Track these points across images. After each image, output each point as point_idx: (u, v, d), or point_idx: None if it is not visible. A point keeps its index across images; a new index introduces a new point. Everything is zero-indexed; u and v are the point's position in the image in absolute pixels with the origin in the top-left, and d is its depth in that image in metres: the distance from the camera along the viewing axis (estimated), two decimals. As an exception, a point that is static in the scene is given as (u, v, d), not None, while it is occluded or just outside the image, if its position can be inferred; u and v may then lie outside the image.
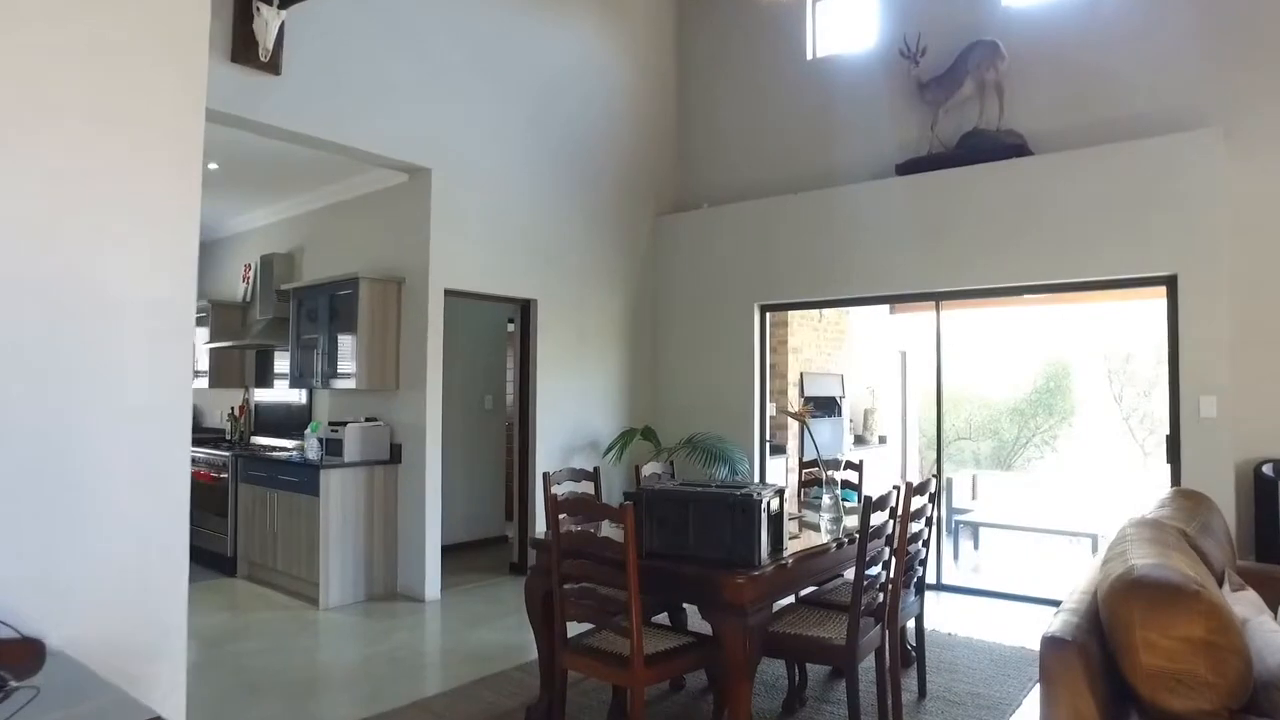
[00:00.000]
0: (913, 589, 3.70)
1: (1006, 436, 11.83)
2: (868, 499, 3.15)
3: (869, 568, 3.09)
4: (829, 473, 3.96)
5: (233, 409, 7.60)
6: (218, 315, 7.39)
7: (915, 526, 3.50)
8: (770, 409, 6.96)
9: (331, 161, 5.89)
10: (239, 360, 7.54)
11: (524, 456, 6.43)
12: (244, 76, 4.60)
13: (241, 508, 6.22)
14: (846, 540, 3.39)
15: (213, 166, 6.05)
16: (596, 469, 4.28)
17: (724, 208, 6.93)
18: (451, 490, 7.29)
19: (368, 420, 5.85)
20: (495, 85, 6.05)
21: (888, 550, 3.26)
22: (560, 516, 3.09)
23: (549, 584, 3.14)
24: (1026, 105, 5.80)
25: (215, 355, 7.39)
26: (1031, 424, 11.71)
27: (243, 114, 4.65)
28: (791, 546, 3.22)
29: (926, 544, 3.73)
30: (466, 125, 5.85)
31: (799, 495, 4.97)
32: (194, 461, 6.80)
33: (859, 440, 9.45)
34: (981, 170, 5.69)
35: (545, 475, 3.86)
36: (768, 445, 6.84)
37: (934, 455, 6.20)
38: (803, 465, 5.15)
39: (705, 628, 3.03)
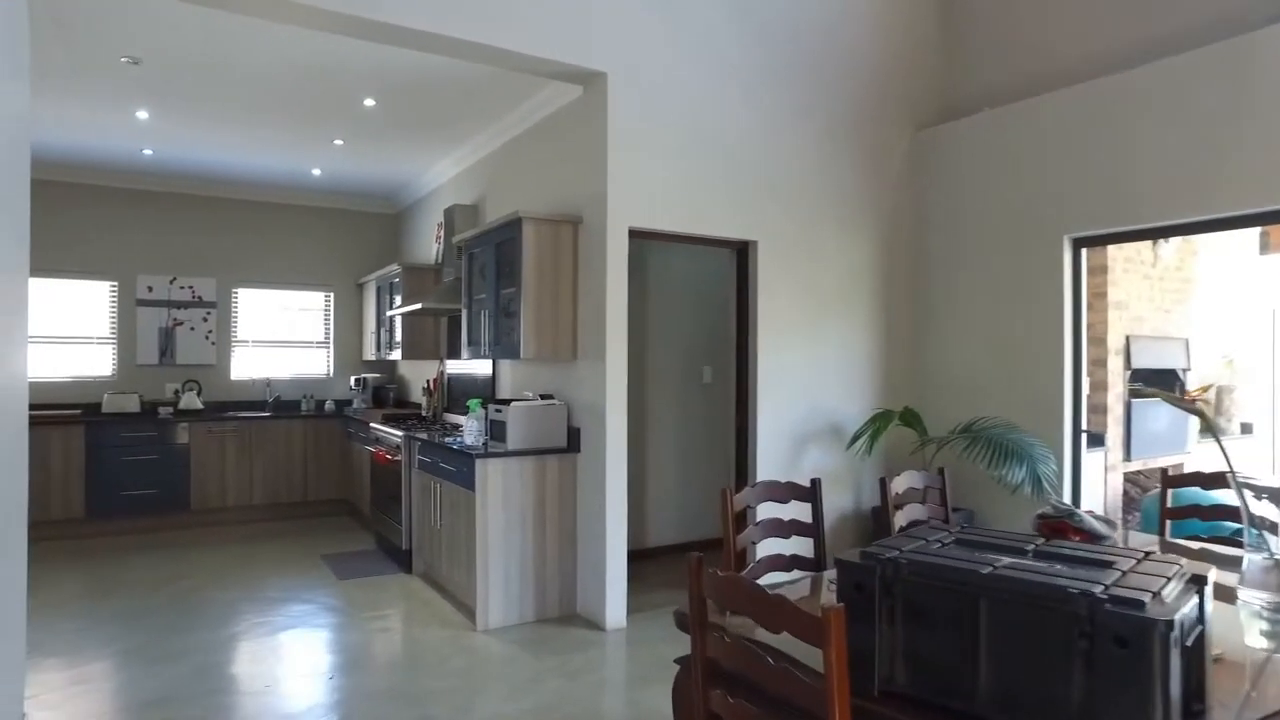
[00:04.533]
0: None
1: None
2: None
3: None
4: (1257, 503, 2.10)
5: (428, 382, 6.92)
6: (409, 280, 6.70)
7: None
8: (1084, 385, 4.92)
9: (494, 83, 4.81)
10: (432, 328, 6.82)
11: (741, 445, 5.00)
12: (352, -46, 3.57)
13: (415, 496, 5.40)
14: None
15: (369, 103, 5.21)
16: (815, 484, 2.73)
17: (1014, 107, 4.95)
18: (661, 482, 6.07)
19: (542, 398, 4.73)
20: (693, -40, 4.61)
21: None
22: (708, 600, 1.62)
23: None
24: None
25: (407, 323, 6.71)
26: None
27: (361, 13, 3.62)
28: (1222, 698, 1.48)
29: None
30: (650, 14, 4.48)
31: (1123, 510, 3.09)
32: (374, 440, 6.14)
33: (1205, 429, 6.91)
34: None
35: (724, 494, 2.40)
36: (1083, 436, 4.82)
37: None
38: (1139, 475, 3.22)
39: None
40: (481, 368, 5.94)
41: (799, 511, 2.85)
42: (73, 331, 7.18)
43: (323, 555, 5.97)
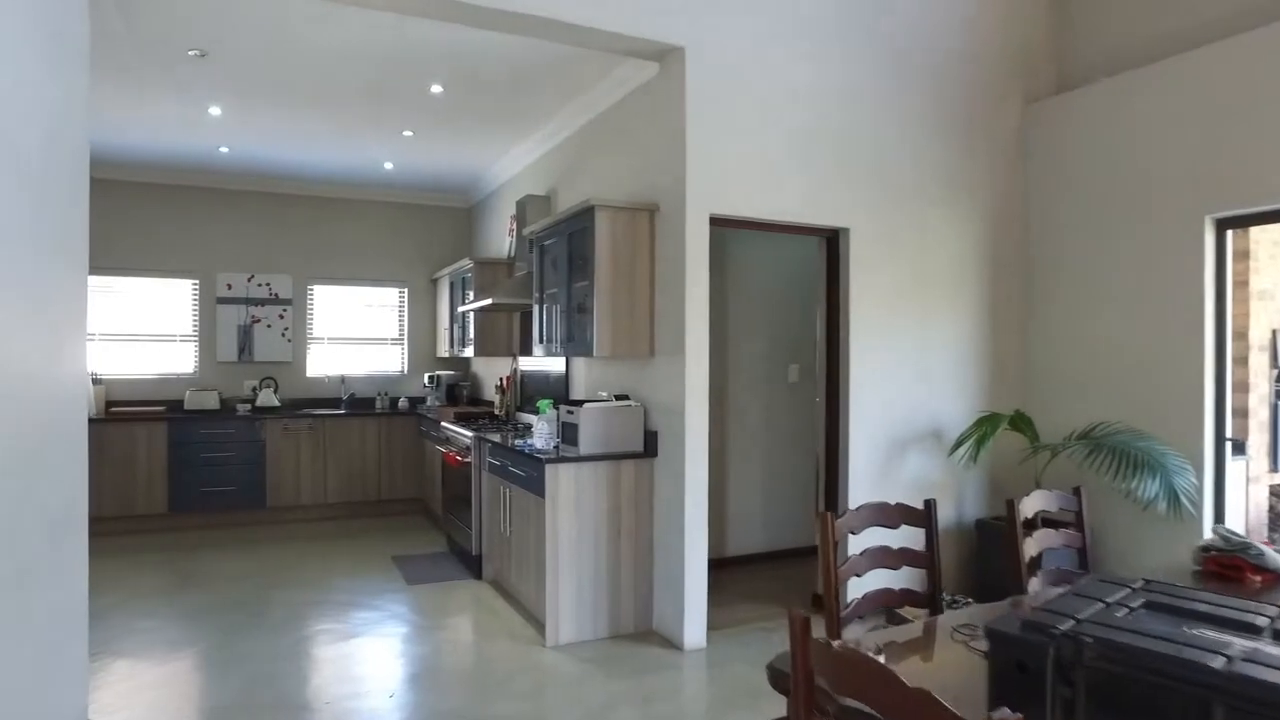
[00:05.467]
0: None
1: None
2: None
3: None
4: None
5: (501, 380, 6.72)
6: (481, 275, 6.50)
7: None
8: (1228, 385, 4.35)
9: (564, 64, 4.54)
10: (505, 324, 6.61)
11: (832, 449, 4.60)
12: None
13: (485, 500, 5.19)
14: None
15: (437, 90, 5.00)
16: (929, 506, 2.33)
17: (1142, 72, 4.40)
18: (743, 487, 5.71)
19: (617, 398, 4.43)
20: (779, -78, 4.23)
21: None
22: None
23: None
24: None
25: (479, 319, 6.52)
26: None
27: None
28: None
29: None
30: (737, -19, 4.12)
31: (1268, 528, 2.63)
32: (445, 440, 5.96)
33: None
34: None
35: (823, 519, 2.04)
36: (1227, 444, 4.25)
37: None
38: None
39: None
40: (555, 366, 5.69)
41: (909, 537, 2.47)
42: (159, 330, 7.25)
43: (393, 556, 5.83)
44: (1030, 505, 2.32)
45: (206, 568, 5.56)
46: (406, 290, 8.11)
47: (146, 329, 7.22)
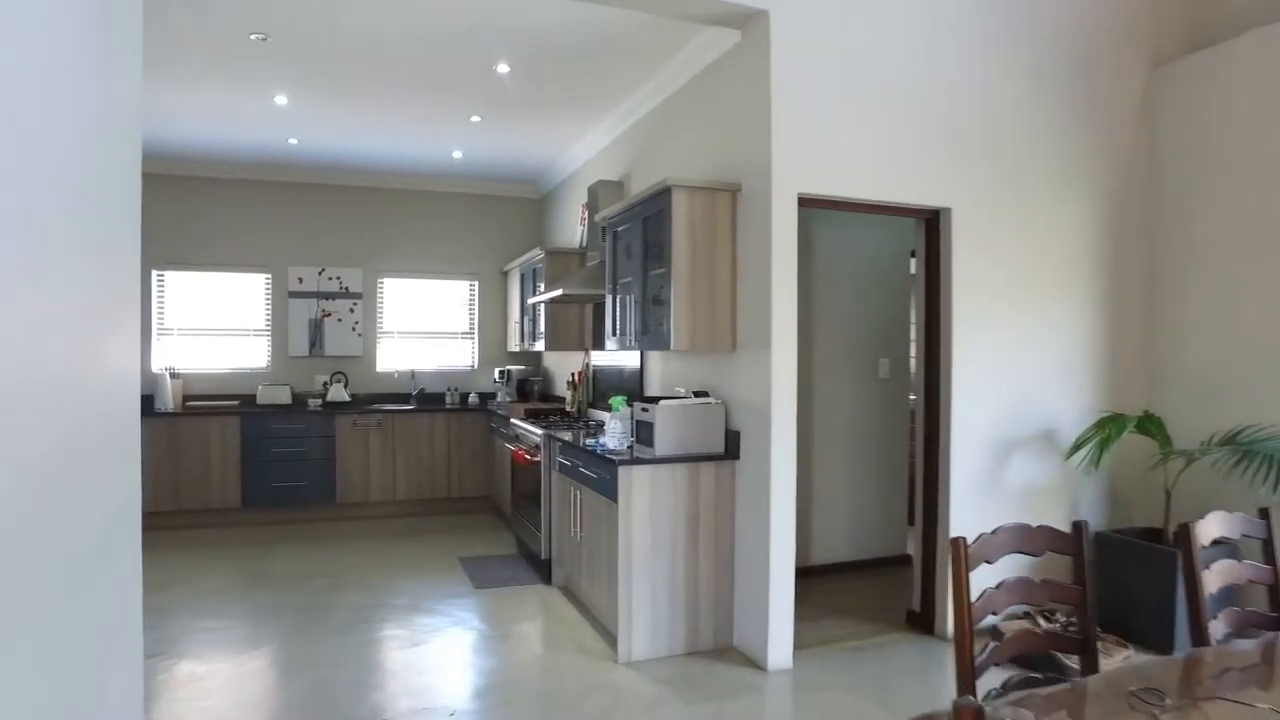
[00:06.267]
0: None
1: None
2: None
3: None
4: None
5: (572, 375, 6.46)
6: (552, 265, 6.26)
7: None
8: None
9: (637, 36, 4.23)
10: (576, 317, 6.34)
11: (931, 450, 4.19)
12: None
13: (555, 501, 4.93)
14: None
15: (504, 69, 4.74)
16: (1079, 529, 1.92)
17: (1298, 26, 3.84)
18: (829, 491, 5.32)
19: (695, 395, 4.11)
20: None
21: None
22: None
23: None
24: None
25: (550, 312, 6.27)
26: None
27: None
28: None
29: None
30: (828, -64, 3.74)
31: None
32: (514, 438, 5.73)
33: None
34: None
35: (955, 546, 1.68)
36: (1401, 453, 3.67)
37: None
38: None
39: None
40: (629, 360, 5.39)
41: (1047, 565, 2.07)
42: (234, 324, 7.24)
43: (461, 558, 5.63)
44: (1209, 529, 1.90)
45: (275, 566, 5.46)
46: (477, 283, 7.94)
47: (222, 324, 7.22)
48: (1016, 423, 4.21)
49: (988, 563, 1.74)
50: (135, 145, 2.83)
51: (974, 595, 1.69)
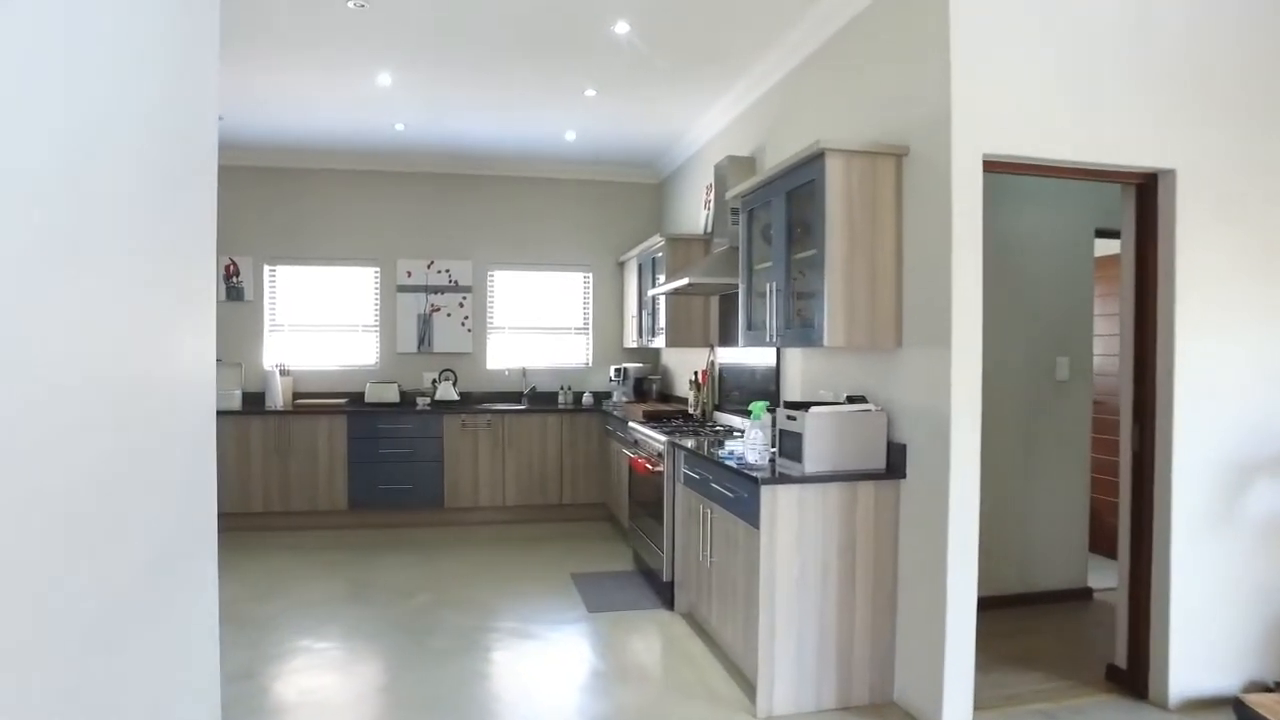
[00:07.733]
0: None
1: None
2: None
3: None
4: None
5: (696, 374, 5.89)
6: (673, 253, 5.69)
7: None
8: None
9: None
10: (701, 310, 5.76)
11: (1140, 470, 3.39)
12: None
13: (679, 518, 4.37)
14: None
15: (622, 28, 4.20)
16: None
17: None
18: (999, 513, 4.53)
19: (849, 401, 3.46)
20: None
21: None
22: None
23: None
24: None
25: (671, 305, 5.72)
26: None
27: None
28: None
29: None
30: None
31: None
32: (633, 444, 5.21)
33: None
34: None
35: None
36: None
37: None
38: None
39: None
40: (761, 357, 4.78)
41: None
42: (344, 320, 7.04)
43: (573, 574, 5.15)
44: None
45: (378, 576, 5.12)
46: (591, 275, 7.48)
47: (332, 319, 7.02)
48: (1262, 438, 3.36)
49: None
50: (211, 136, 2.52)
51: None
